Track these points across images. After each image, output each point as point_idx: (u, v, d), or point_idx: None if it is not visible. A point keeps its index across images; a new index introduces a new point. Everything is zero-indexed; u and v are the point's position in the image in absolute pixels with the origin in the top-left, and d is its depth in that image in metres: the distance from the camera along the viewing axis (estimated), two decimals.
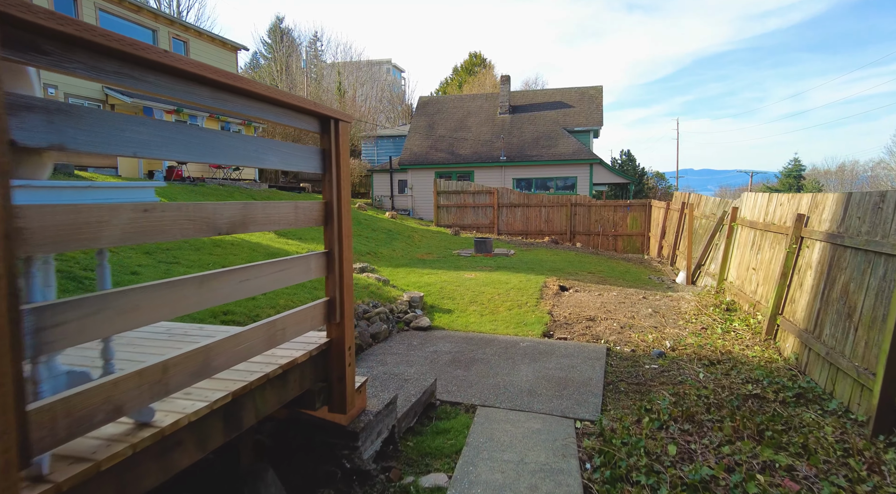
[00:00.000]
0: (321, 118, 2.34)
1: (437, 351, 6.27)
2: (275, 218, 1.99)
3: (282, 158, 2.05)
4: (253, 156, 1.88)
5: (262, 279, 1.91)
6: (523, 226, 21.44)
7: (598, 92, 28.05)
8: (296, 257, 2.15)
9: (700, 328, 7.36)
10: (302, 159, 2.21)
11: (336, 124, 2.40)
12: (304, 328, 2.21)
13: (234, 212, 1.77)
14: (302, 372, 2.29)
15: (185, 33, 17.78)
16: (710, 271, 10.73)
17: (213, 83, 1.66)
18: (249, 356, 1.84)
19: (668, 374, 5.69)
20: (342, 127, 2.42)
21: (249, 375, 1.98)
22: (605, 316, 7.92)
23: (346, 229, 2.47)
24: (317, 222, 2.33)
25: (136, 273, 5.84)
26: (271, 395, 2.07)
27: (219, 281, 1.72)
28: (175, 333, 2.59)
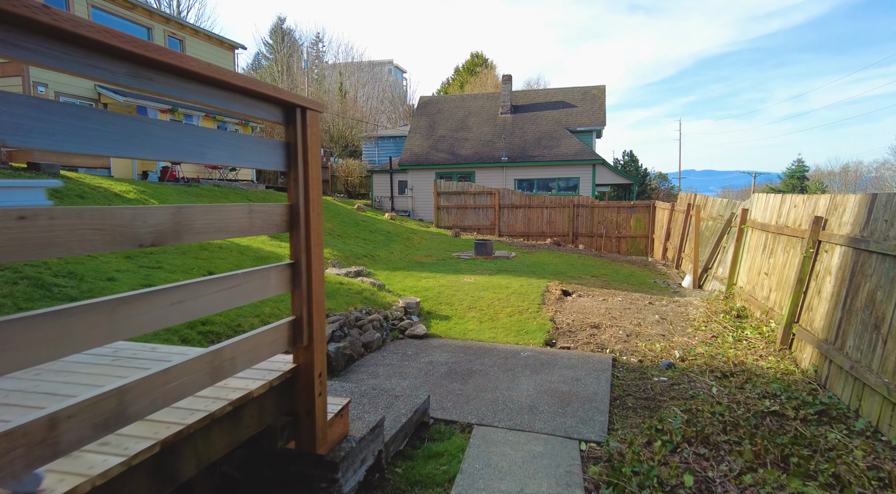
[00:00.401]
0: (284, 106, 2.00)
1: (432, 361, 5.92)
2: (220, 225, 1.65)
3: (231, 153, 1.70)
4: (192, 150, 1.54)
5: (202, 300, 1.57)
6: (525, 227, 21.08)
7: (600, 91, 27.68)
8: (251, 271, 1.81)
9: (710, 336, 6.99)
10: (259, 154, 1.86)
11: (303, 113, 2.05)
12: (262, 354, 1.87)
13: (162, 218, 1.42)
14: (260, 407, 1.95)
15: (180, 31, 17.46)
16: (717, 275, 10.36)
17: (130, 56, 1.31)
18: (183, 396, 1.50)
19: (678, 388, 5.33)
20: (310, 117, 2.07)
21: (188, 415, 1.63)
22: (610, 323, 7.56)
23: (316, 236, 2.12)
24: (278, 228, 1.99)
25: (112, 279, 5.50)
26: (219, 438, 1.72)
27: (140, 305, 1.38)
28: (122, 356, 2.25)
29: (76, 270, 5.44)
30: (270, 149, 1.95)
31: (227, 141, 1.69)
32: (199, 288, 1.56)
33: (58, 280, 5.07)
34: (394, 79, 65.76)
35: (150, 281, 5.68)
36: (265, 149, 1.92)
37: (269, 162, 1.93)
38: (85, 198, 8.57)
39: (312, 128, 2.09)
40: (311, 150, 2.09)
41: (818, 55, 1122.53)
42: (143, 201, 9.94)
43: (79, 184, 9.24)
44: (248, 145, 1.80)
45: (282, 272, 2.00)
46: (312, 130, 2.09)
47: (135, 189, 10.53)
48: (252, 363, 1.82)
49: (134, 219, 1.34)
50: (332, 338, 5.71)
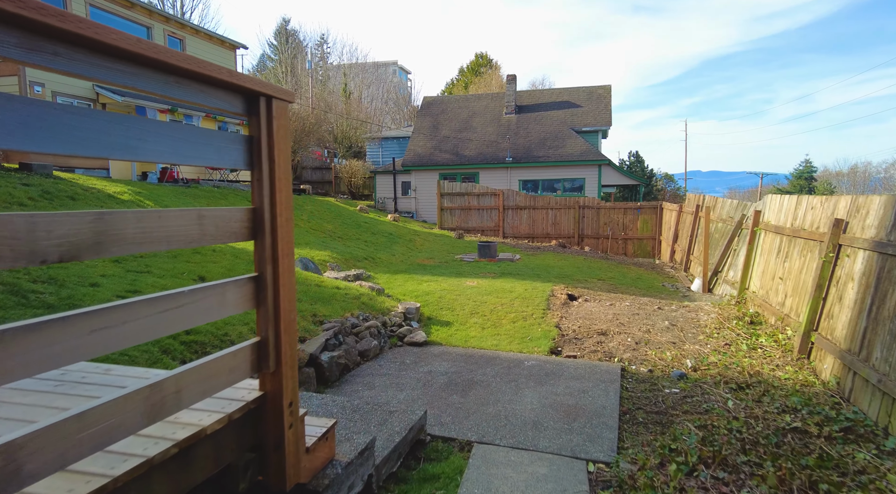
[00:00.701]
0: (245, 94, 1.72)
1: (431, 371, 5.64)
2: (159, 234, 1.37)
3: (176, 148, 1.43)
4: (120, 143, 1.27)
5: (132, 326, 1.30)
6: (529, 228, 20.77)
7: (606, 91, 27.34)
8: (201, 288, 1.53)
9: (723, 344, 6.68)
10: (214, 150, 1.59)
11: (268, 103, 1.78)
12: (218, 384, 1.59)
13: (75, 227, 1.15)
14: (217, 444, 1.67)
15: (181, 31, 17.26)
16: (728, 279, 10.04)
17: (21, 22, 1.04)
18: (106, 444, 1.22)
19: (691, 401, 5.02)
20: (277, 107, 1.80)
21: (120, 463, 1.35)
22: (618, 329, 7.26)
23: (285, 244, 1.85)
24: (238, 236, 1.71)
25: (96, 284, 5.25)
26: (162, 486, 1.45)
27: (48, 335, 1.10)
28: (68, 380, 1.98)
29: (58, 275, 5.20)
30: (228, 144, 1.67)
31: (170, 133, 1.41)
32: (128, 312, 1.29)
33: (36, 286, 4.82)
34: (398, 79, 65.58)
35: (137, 287, 5.43)
36: (222, 145, 1.65)
37: (226, 159, 1.66)
38: (76, 200, 8.34)
39: (280, 120, 1.82)
40: (279, 146, 1.81)
41: (824, 55, 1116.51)
42: (138, 203, 9.71)
43: (71, 186, 9.02)
44: (199, 139, 1.53)
45: (242, 287, 1.73)
46: (280, 123, 1.82)
47: (130, 190, 10.31)
48: (205, 394, 1.54)
49: (32, 230, 1.07)
50: (325, 347, 5.44)
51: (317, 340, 5.40)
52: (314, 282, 7.24)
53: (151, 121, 1.35)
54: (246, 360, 1.75)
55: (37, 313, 4.22)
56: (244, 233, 1.75)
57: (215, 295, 1.60)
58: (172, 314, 1.42)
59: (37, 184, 8.37)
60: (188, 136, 1.49)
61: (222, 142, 1.66)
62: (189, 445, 1.54)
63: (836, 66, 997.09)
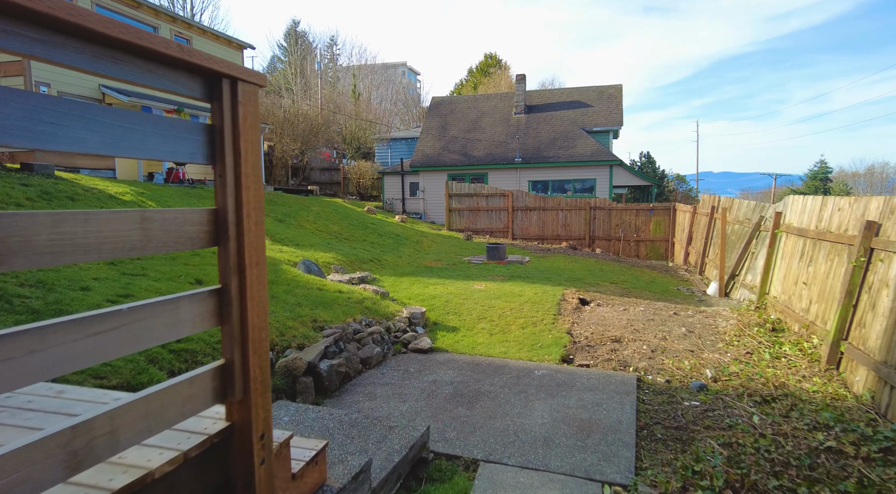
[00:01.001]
0: (206, 75, 1.46)
1: (436, 380, 5.36)
2: (86, 241, 1.12)
3: (106, 136, 1.16)
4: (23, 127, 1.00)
5: (45, 355, 1.04)
6: (539, 230, 20.43)
7: (617, 91, 26.93)
8: (147, 305, 1.27)
9: (744, 352, 6.34)
10: (160, 140, 1.33)
11: (233, 87, 1.51)
12: (167, 420, 1.33)
13: None
14: (170, 488, 1.41)
15: (187, 31, 17.13)
16: (746, 283, 9.67)
17: None
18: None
19: (713, 415, 4.70)
20: (244, 92, 1.54)
21: None
22: (633, 336, 6.94)
23: (254, 252, 1.58)
24: (196, 242, 1.45)
25: (87, 288, 5.03)
26: None
27: None
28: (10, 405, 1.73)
29: (47, 278, 4.99)
30: (183, 134, 1.41)
31: (100, 118, 1.15)
32: (41, 338, 1.03)
33: (23, 290, 4.61)
34: (407, 81, 65.46)
35: (130, 291, 5.21)
36: (173, 134, 1.39)
37: (179, 151, 1.39)
38: (76, 200, 8.17)
39: (247, 107, 1.55)
40: (246, 136, 1.55)
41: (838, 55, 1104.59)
42: (140, 203, 9.53)
43: (72, 186, 8.85)
44: (141, 127, 1.26)
45: (201, 302, 1.46)
46: (248, 109, 1.55)
47: (133, 191, 10.14)
48: (150, 432, 1.28)
49: None
50: (325, 355, 5.19)
51: (316, 347, 5.15)
52: (316, 286, 6.99)
53: (71, 102, 1.09)
54: (206, 388, 1.48)
55: (19, 319, 4.00)
56: (204, 239, 1.49)
57: (165, 313, 1.34)
58: (106, 339, 1.16)
59: (36, 184, 8.21)
60: (127, 123, 1.22)
61: (176, 131, 1.40)
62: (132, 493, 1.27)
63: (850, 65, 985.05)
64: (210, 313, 1.51)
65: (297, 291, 6.52)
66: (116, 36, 1.13)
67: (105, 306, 4.69)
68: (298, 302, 6.17)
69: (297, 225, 13.32)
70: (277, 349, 5.00)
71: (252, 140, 1.59)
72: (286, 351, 5.00)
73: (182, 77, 1.41)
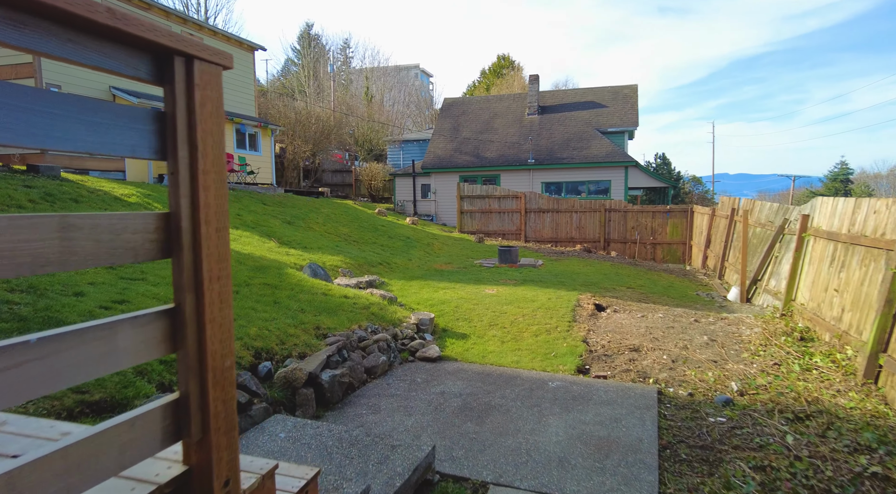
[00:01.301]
0: (153, 52, 1.20)
1: (444, 392, 5.08)
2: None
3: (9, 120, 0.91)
4: None
5: None
6: (553, 232, 20.07)
7: (632, 91, 26.47)
8: (67, 333, 1.01)
9: (771, 363, 5.97)
10: (90, 128, 1.07)
11: (188, 66, 1.25)
12: (96, 475, 1.07)
13: None
14: None
15: (198, 32, 17.07)
16: (769, 288, 9.26)
17: None
18: None
19: (741, 433, 4.36)
20: (204, 72, 1.27)
21: None
22: (652, 345, 6.60)
23: (216, 264, 1.32)
24: (139, 254, 1.19)
25: (81, 294, 4.83)
26: None
27: None
28: None
29: (39, 283, 4.80)
30: (121, 122, 1.15)
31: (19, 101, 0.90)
32: None
33: (13, 296, 4.41)
34: (420, 83, 65.40)
35: (126, 297, 5.00)
36: (109, 123, 1.13)
37: (114, 144, 1.13)
38: (79, 202, 8.03)
39: (207, 91, 1.29)
40: (206, 126, 1.29)
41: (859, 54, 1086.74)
42: (146, 205, 9.38)
43: (77, 188, 8.72)
44: (62, 110, 1.01)
45: (146, 326, 1.20)
46: (207, 94, 1.29)
47: (139, 192, 10.00)
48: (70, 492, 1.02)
49: None
50: (327, 364, 4.93)
51: (317, 357, 4.90)
52: (321, 291, 6.75)
53: None
54: (153, 429, 1.22)
55: (3, 328, 3.80)
56: (150, 250, 1.22)
57: (95, 343, 1.08)
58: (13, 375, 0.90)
59: (40, 185, 8.08)
60: (41, 105, 0.97)
61: (109, 117, 1.14)
62: None
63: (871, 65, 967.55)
64: (159, 338, 1.24)
65: (300, 296, 6.29)
66: (56, 3, 0.87)
67: (98, 313, 4.49)
68: (302, 307, 5.93)
69: (306, 227, 13.13)
70: (277, 358, 4.75)
71: (213, 130, 1.33)
72: (286, 361, 4.75)
73: (119, 52, 1.15)
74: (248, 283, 6.32)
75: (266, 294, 6.10)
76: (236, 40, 18.74)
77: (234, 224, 10.66)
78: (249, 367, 4.42)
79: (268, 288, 6.32)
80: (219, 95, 1.36)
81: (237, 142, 18.42)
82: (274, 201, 14.99)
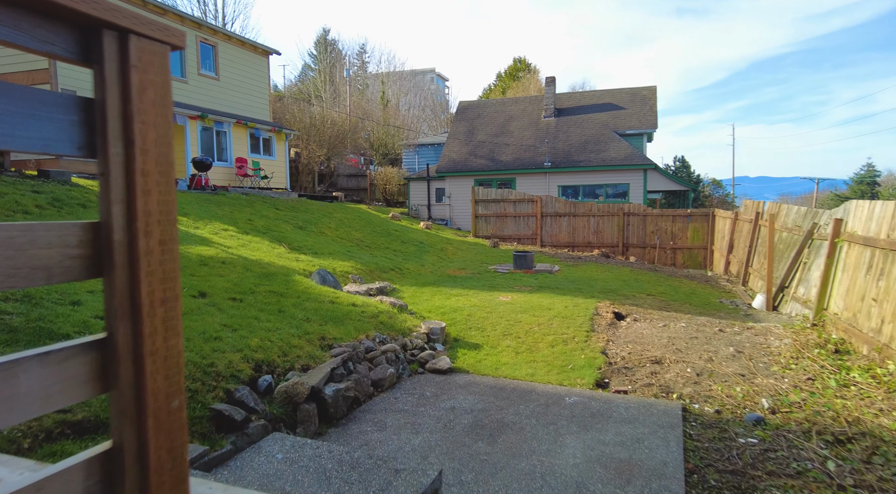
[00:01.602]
0: (76, 24, 0.97)
1: (455, 408, 4.81)
2: None
3: None
4: None
5: None
6: (570, 237, 19.68)
7: (651, 92, 25.98)
8: None
9: (804, 378, 5.60)
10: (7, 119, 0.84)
11: (122, 42, 1.02)
12: None
13: None
14: None
15: (213, 37, 17.09)
16: (798, 296, 8.83)
17: None
18: None
19: (776, 457, 4.02)
20: (143, 51, 1.04)
21: None
22: (675, 357, 6.26)
23: (161, 283, 1.09)
24: (56, 275, 0.96)
25: (78, 303, 4.67)
26: None
27: None
28: None
29: (36, 291, 4.64)
30: (30, 109, 0.92)
31: None
32: None
33: (6, 305, 4.26)
34: (436, 87, 65.40)
35: None
36: (21, 111, 0.90)
37: (27, 138, 0.91)
38: (87, 208, 7.94)
39: (148, 75, 1.05)
40: (146, 117, 1.05)
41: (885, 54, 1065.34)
42: None
43: (86, 193, 8.65)
44: None
45: (63, 363, 0.96)
46: (148, 78, 1.06)
47: None
48: None
49: None
50: (331, 378, 4.70)
51: (321, 369, 4.66)
52: (328, 298, 6.53)
53: None
54: (73, 490, 0.98)
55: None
56: (71, 269, 0.99)
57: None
58: None
59: (48, 191, 8.01)
60: None
61: (29, 105, 0.91)
62: None
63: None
64: (84, 377, 1.01)
65: (306, 305, 6.07)
66: None
67: (94, 323, 4.31)
68: (307, 316, 5.72)
69: (318, 232, 12.97)
70: (279, 371, 4.53)
71: (157, 123, 1.09)
72: (288, 374, 4.53)
73: (28, 23, 0.92)
74: (253, 291, 6.13)
75: (271, 302, 5.90)
76: (250, 44, 18.75)
77: (245, 229, 10.53)
78: (249, 381, 4.20)
79: (273, 296, 6.11)
80: (165, 80, 1.12)
81: (251, 146, 18.40)
82: (287, 206, 14.88)
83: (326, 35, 55.04)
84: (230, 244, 8.72)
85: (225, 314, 5.24)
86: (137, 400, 1.08)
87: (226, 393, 3.90)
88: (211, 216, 10.57)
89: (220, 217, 10.81)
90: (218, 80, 17.43)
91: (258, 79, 19.31)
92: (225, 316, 5.18)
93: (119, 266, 1.05)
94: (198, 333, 4.53)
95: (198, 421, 3.55)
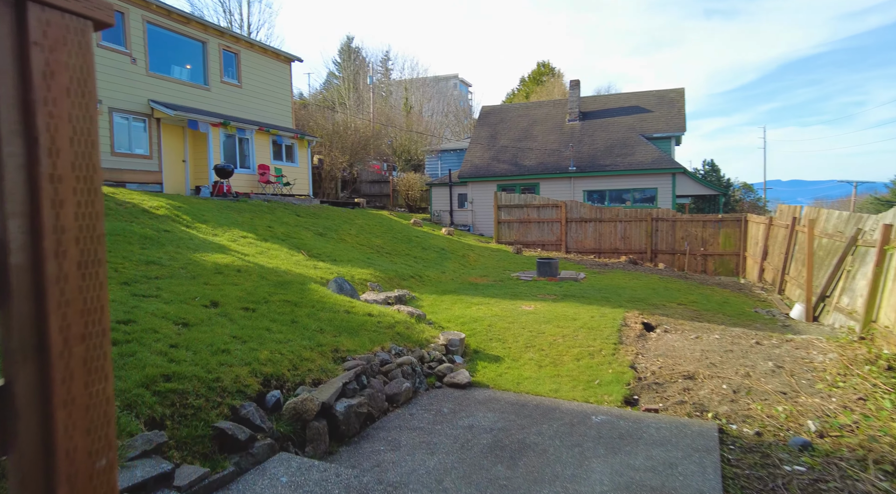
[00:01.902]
0: None
1: (473, 426, 4.53)
2: None
3: None
4: None
5: None
6: (595, 243, 19.21)
7: (679, 95, 25.33)
8: None
9: (855, 398, 5.15)
10: None
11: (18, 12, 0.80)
12: None
13: None
14: None
15: (235, 45, 17.22)
16: (841, 306, 8.30)
17: None
18: None
19: (828, 489, 3.64)
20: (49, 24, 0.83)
21: None
22: (709, 371, 5.87)
23: (80, 315, 0.87)
24: None
25: None
26: None
27: None
28: None
29: None
30: None
31: None
32: None
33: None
34: (458, 93, 65.38)
35: (134, 316, 4.69)
36: None
37: None
38: (106, 216, 7.92)
39: (58, 55, 0.84)
40: (58, 108, 0.84)
41: None
42: (174, 217, 9.26)
43: (104, 200, 8.65)
44: None
45: None
46: (59, 59, 0.84)
47: (169, 205, 9.91)
48: None
49: None
50: (343, 393, 4.47)
51: (333, 384, 4.45)
52: (344, 308, 6.33)
53: None
54: None
55: None
56: None
57: None
58: None
59: None
60: None
61: None
62: None
63: None
64: None
65: (321, 315, 5.88)
66: None
67: None
68: (321, 327, 5.52)
69: (338, 239, 12.85)
70: (288, 386, 4.33)
71: (72, 116, 0.87)
72: (298, 389, 4.32)
73: None
74: (267, 300, 5.96)
75: (284, 312, 5.72)
76: (273, 51, 18.86)
77: (265, 236, 10.45)
78: (256, 397, 4.00)
79: (287, 306, 5.94)
80: (85, 63, 0.90)
81: (274, 153, 18.47)
82: (308, 212, 14.83)
83: (350, 43, 55.51)
84: (248, 251, 8.62)
85: (236, 324, 5.07)
86: (46, 463, 0.85)
87: (231, 410, 3.71)
88: (231, 223, 10.53)
89: (240, 224, 10.76)
90: (240, 87, 17.55)
91: (280, 86, 19.41)
92: (235, 326, 5.01)
93: (18, 295, 0.82)
94: (205, 345, 4.36)
95: (199, 441, 3.36)
